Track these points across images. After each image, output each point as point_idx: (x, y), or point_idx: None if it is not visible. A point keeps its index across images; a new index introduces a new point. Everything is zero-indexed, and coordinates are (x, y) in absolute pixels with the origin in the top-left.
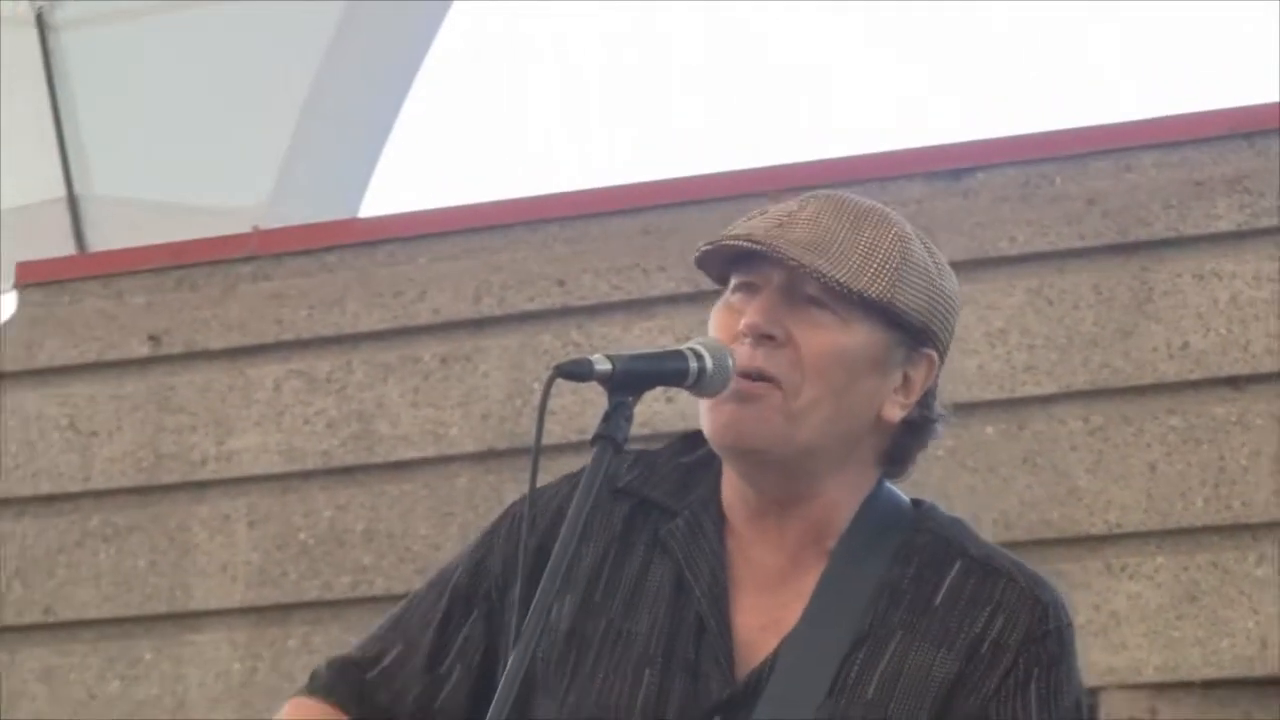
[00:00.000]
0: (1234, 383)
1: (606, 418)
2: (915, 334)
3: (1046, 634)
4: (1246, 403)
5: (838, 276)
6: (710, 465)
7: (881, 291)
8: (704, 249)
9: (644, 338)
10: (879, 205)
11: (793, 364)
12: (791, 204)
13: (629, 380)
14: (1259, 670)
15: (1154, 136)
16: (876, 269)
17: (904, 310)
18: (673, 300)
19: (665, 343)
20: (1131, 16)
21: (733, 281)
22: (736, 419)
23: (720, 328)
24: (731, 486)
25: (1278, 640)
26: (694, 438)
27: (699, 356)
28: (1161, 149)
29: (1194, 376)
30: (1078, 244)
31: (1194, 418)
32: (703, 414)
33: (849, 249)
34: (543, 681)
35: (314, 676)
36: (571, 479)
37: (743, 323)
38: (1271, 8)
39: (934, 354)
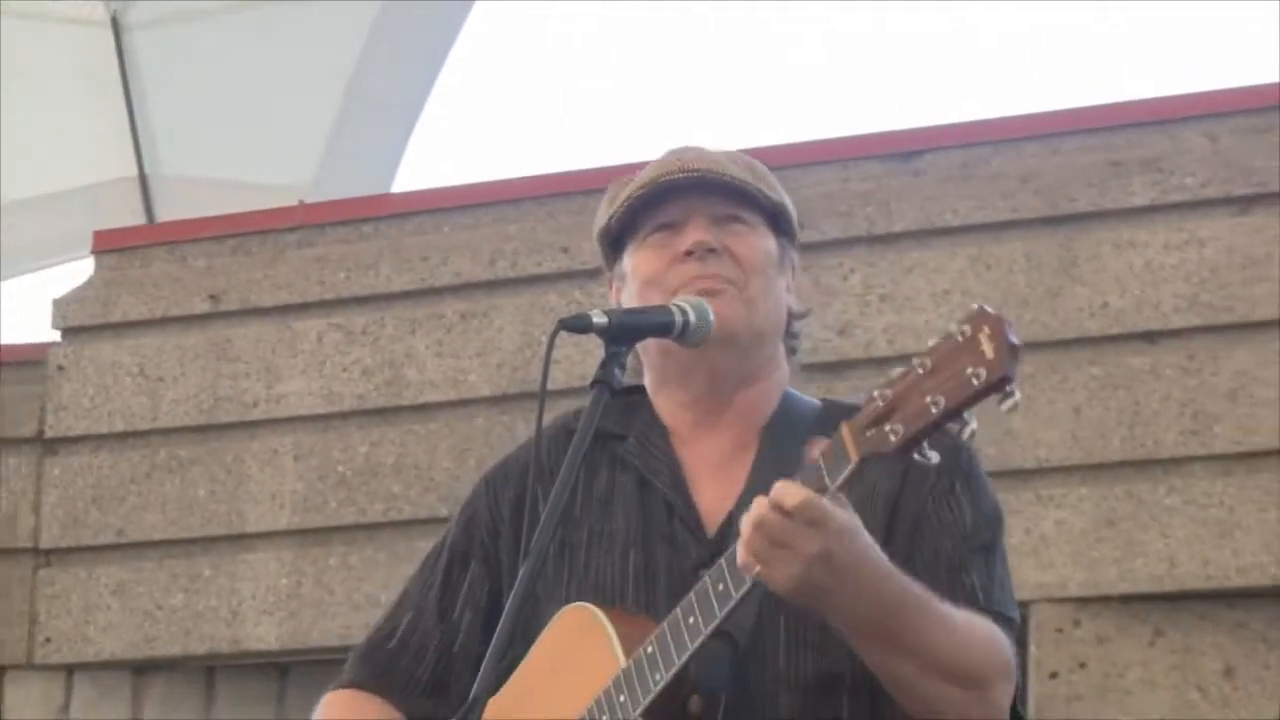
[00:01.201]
0: (1148, 337)
1: (603, 364)
2: (792, 237)
3: (960, 450)
4: (1158, 354)
5: (749, 185)
6: (644, 401)
7: (775, 196)
8: (632, 198)
9: (624, 297)
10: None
11: (734, 267)
12: (668, 155)
13: (622, 332)
14: (1168, 586)
15: (1078, 123)
16: (763, 180)
17: (788, 211)
18: None
19: None
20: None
21: (643, 232)
22: (728, 310)
23: (652, 264)
24: (673, 401)
25: (1184, 560)
26: (625, 390)
27: (683, 311)
28: (1085, 134)
29: (1112, 332)
30: (1011, 217)
31: (1112, 368)
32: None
33: (739, 170)
34: (543, 593)
35: (344, 670)
36: (526, 446)
37: (690, 242)
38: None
39: (794, 259)
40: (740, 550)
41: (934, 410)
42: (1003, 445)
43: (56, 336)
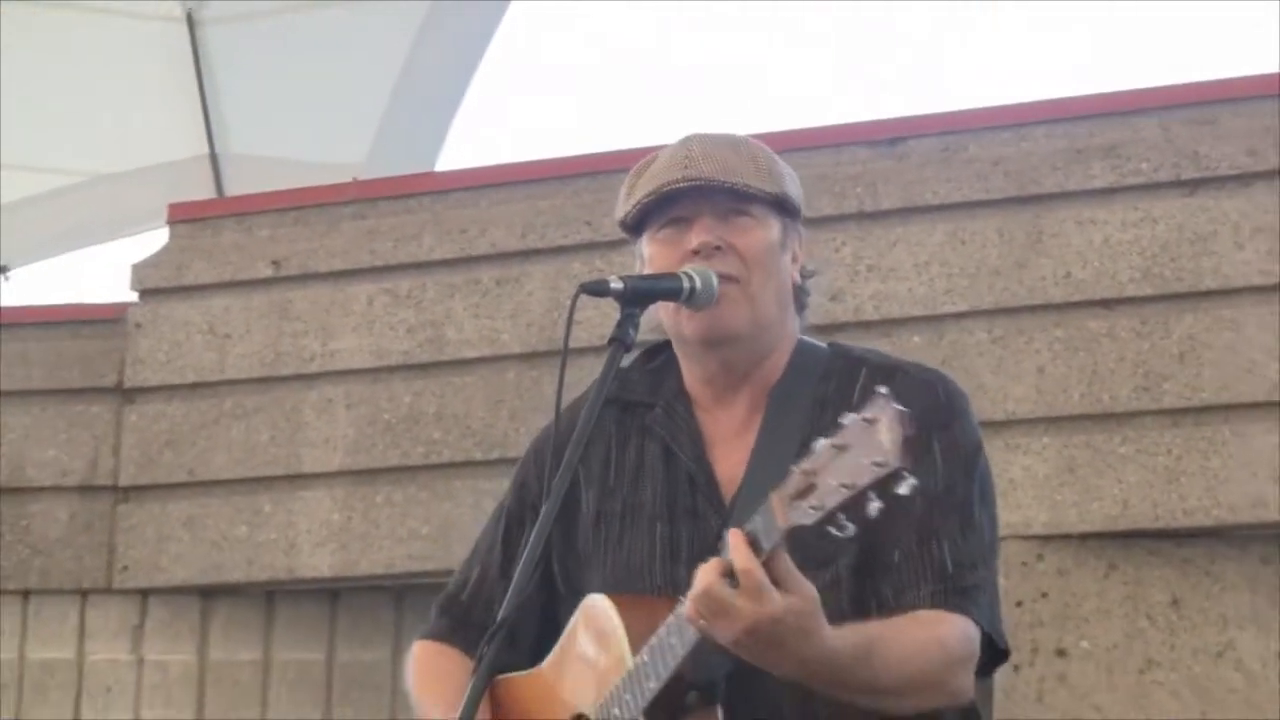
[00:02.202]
0: (1105, 304)
1: (619, 324)
2: (794, 214)
3: (938, 406)
4: (1115, 319)
5: (751, 185)
6: (671, 366)
7: (775, 188)
8: (642, 202)
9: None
10: (731, 134)
11: (739, 262)
12: (677, 150)
13: (636, 296)
14: (1121, 525)
15: (1045, 114)
16: (765, 173)
17: (790, 197)
18: None
19: None
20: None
21: (654, 223)
22: (717, 317)
23: (664, 257)
24: (693, 375)
25: (1136, 503)
26: (653, 350)
27: (690, 278)
28: (1050, 123)
29: (1074, 299)
30: (985, 197)
31: (1074, 330)
32: (682, 323)
33: (742, 166)
34: (586, 560)
35: (428, 622)
36: (572, 409)
37: (696, 242)
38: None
39: (801, 226)
40: (688, 608)
41: (844, 491)
42: (974, 399)
43: (134, 298)
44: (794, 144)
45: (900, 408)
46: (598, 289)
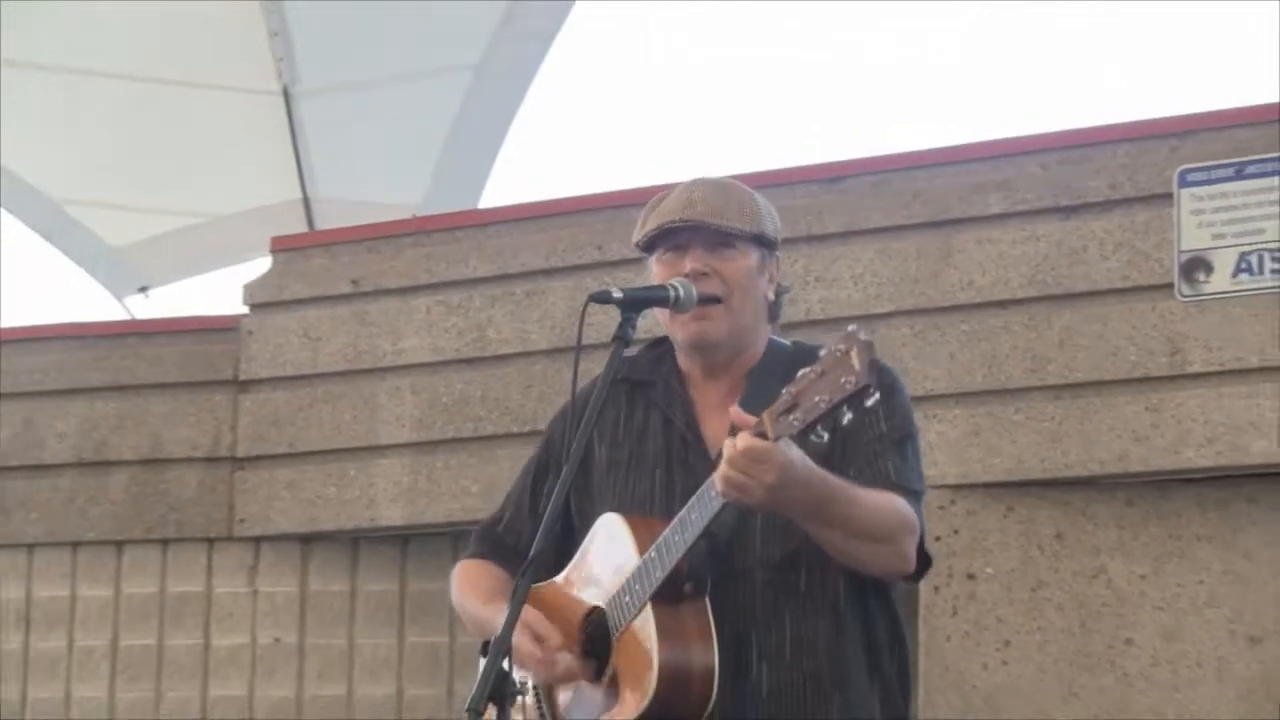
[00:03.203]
0: (1001, 304)
1: (620, 325)
2: (771, 246)
3: (880, 376)
4: (1009, 317)
5: (734, 226)
6: (669, 353)
7: (754, 227)
8: (650, 233)
9: (646, 280)
10: (727, 178)
11: (723, 285)
12: (682, 192)
13: (633, 304)
14: (1016, 476)
15: (953, 157)
16: (749, 216)
17: (767, 234)
18: None
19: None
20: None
21: (660, 248)
22: (703, 330)
23: (665, 275)
24: (687, 361)
25: (1027, 459)
26: (656, 342)
27: (675, 289)
28: (958, 164)
29: (976, 301)
30: (906, 222)
31: (976, 325)
32: (675, 328)
33: (729, 208)
34: (599, 498)
35: (470, 544)
36: (594, 381)
37: (688, 268)
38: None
39: (778, 255)
40: (719, 483)
41: (821, 406)
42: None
43: (246, 310)
44: (759, 181)
45: (867, 338)
46: (604, 298)
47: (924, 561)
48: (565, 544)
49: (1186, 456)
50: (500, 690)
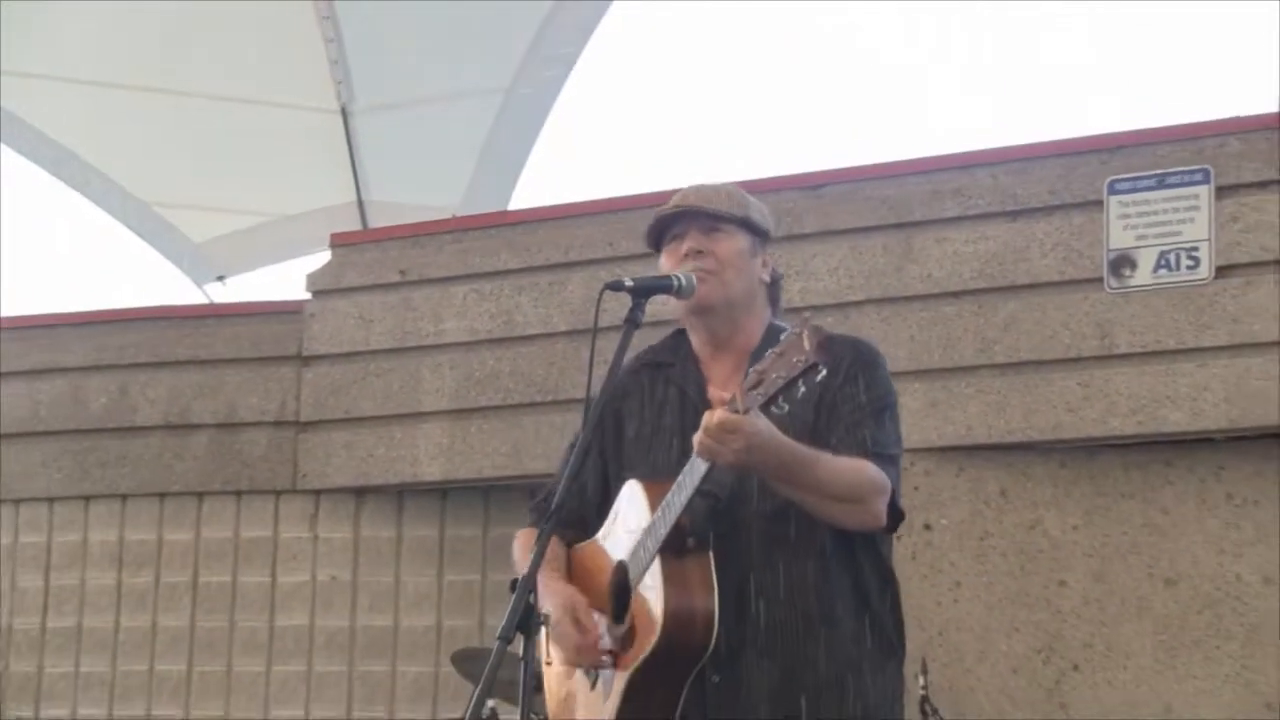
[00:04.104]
0: (955, 295)
1: (631, 310)
2: (762, 235)
3: (861, 356)
4: (962, 305)
5: (721, 210)
6: (685, 339)
7: (741, 213)
8: (652, 225)
9: (655, 271)
10: (726, 183)
11: (715, 261)
12: (677, 196)
13: (643, 290)
14: (967, 442)
15: (914, 168)
16: (735, 203)
17: (752, 220)
18: None
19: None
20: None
21: (665, 241)
22: (701, 294)
23: (670, 261)
24: (697, 340)
25: (976, 426)
26: (676, 332)
27: (679, 279)
28: (918, 174)
29: (934, 291)
30: (875, 223)
31: (934, 312)
32: (681, 307)
33: (718, 198)
34: (629, 466)
35: (528, 516)
36: (630, 362)
37: (685, 248)
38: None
39: (770, 246)
40: (696, 448)
41: (779, 382)
42: None
43: (308, 296)
44: (745, 189)
45: (815, 324)
46: (617, 286)
47: (896, 516)
48: (605, 509)
49: (1113, 425)
50: (527, 622)
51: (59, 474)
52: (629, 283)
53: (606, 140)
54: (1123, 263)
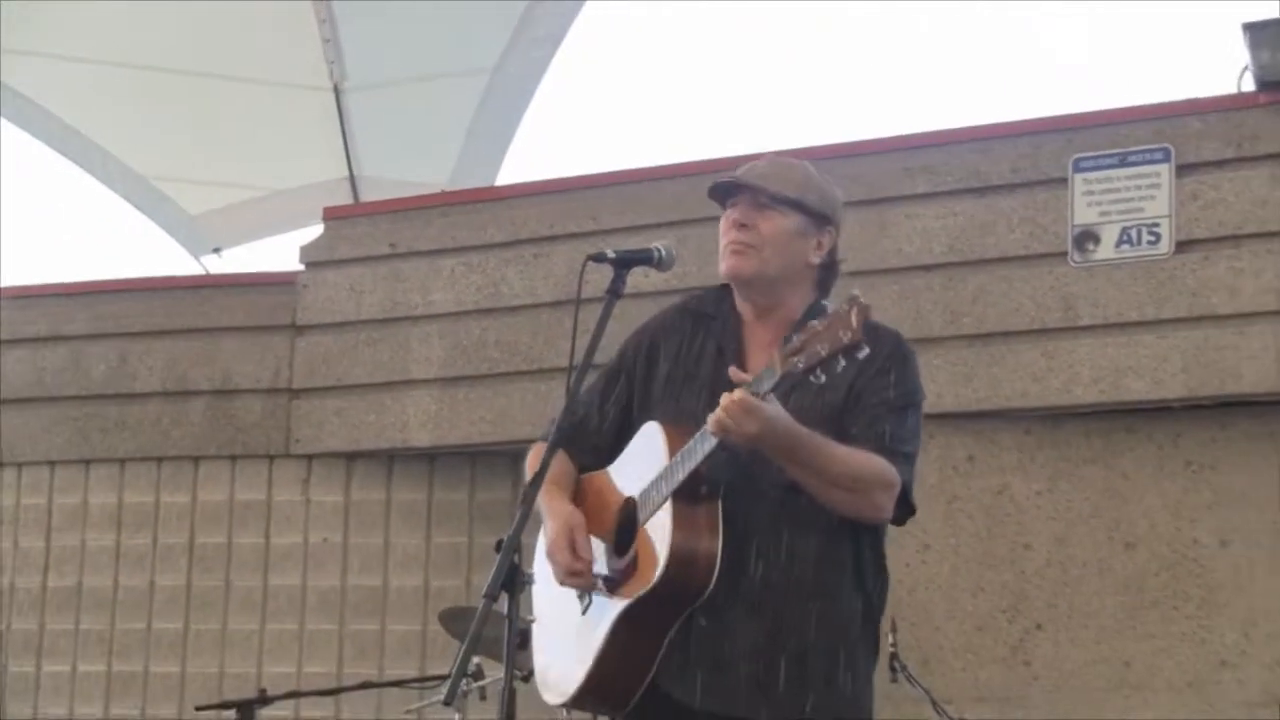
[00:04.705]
0: (925, 268)
1: (612, 280)
2: (818, 218)
3: (898, 350)
4: (930, 278)
5: (771, 189)
6: (729, 294)
7: (794, 194)
8: (714, 185)
9: (637, 243)
10: (793, 159)
11: (757, 235)
12: (756, 163)
13: (624, 262)
14: (937, 410)
15: (886, 146)
16: (793, 184)
17: (808, 203)
18: (652, 228)
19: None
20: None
21: (728, 202)
22: (732, 265)
23: (723, 224)
24: (741, 303)
25: (946, 394)
26: (722, 286)
27: (659, 250)
28: (890, 152)
29: (905, 265)
30: (848, 199)
31: (905, 286)
32: (721, 267)
33: (777, 176)
34: (655, 404)
35: (547, 429)
36: (661, 313)
37: (731, 218)
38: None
39: (833, 229)
40: (710, 423)
41: (821, 353)
42: None
43: (301, 268)
44: (721, 167)
45: (865, 302)
46: (599, 258)
47: (907, 510)
48: (625, 437)
49: (1076, 394)
50: (511, 581)
51: (60, 439)
52: (611, 255)
53: (590, 118)
54: (1086, 238)
